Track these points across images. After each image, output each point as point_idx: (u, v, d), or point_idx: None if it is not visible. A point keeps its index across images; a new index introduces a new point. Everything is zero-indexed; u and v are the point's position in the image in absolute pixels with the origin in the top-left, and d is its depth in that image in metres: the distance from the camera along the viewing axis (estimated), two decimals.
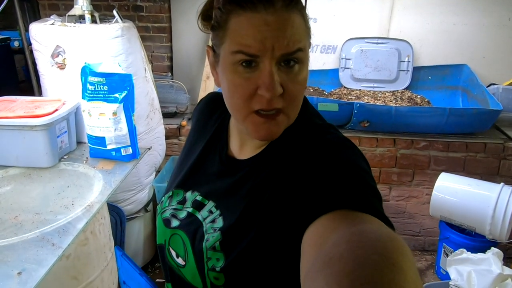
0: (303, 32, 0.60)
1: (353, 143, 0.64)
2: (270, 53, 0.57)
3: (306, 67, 0.62)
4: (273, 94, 0.58)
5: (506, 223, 2.03)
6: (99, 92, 1.61)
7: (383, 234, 0.42)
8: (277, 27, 0.57)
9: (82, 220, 1.32)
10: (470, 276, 1.53)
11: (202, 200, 0.73)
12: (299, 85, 0.60)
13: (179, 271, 0.73)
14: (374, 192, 0.55)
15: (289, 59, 0.58)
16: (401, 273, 0.37)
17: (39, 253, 1.14)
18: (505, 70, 2.73)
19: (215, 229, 0.67)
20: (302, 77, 0.61)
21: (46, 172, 1.64)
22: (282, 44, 0.57)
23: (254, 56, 0.57)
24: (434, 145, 2.46)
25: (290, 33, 0.57)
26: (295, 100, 0.61)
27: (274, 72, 0.57)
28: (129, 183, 2.09)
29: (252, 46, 0.57)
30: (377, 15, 2.78)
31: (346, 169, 0.56)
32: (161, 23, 2.81)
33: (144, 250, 2.40)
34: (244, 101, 0.60)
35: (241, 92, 0.60)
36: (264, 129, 0.61)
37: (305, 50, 0.60)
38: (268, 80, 0.57)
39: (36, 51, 1.88)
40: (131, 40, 1.92)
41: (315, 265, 0.42)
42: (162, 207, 0.78)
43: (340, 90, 2.87)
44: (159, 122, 2.24)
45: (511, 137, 2.49)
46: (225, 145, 0.76)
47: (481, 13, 2.70)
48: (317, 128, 0.68)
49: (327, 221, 0.49)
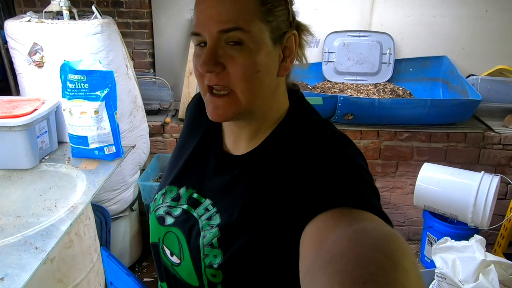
0: (251, 12, 0.58)
1: (351, 140, 0.64)
2: (207, 30, 0.59)
3: (258, 50, 0.59)
4: (205, 69, 0.59)
5: (487, 210, 2.09)
6: (79, 90, 1.57)
7: (384, 232, 0.42)
8: (214, 3, 0.58)
9: (66, 222, 1.30)
10: (455, 264, 1.57)
11: (198, 197, 0.72)
12: (242, 66, 0.59)
13: (174, 270, 0.72)
14: (373, 189, 0.55)
15: (229, 37, 0.59)
16: (403, 272, 0.37)
17: (22, 257, 1.12)
18: (483, 61, 2.79)
19: (212, 225, 0.66)
20: (250, 59, 0.59)
21: (26, 174, 1.60)
22: (216, 20, 0.58)
23: (198, 34, 0.61)
24: (416, 136, 2.50)
25: (225, 8, 0.58)
26: (242, 81, 0.60)
27: (211, 48, 0.59)
28: (113, 182, 2.05)
29: (196, 23, 0.61)
30: (358, 9, 2.80)
31: (345, 166, 0.56)
32: (141, 19, 2.76)
33: (131, 249, 2.38)
34: (199, 78, 0.64)
35: (195, 69, 0.63)
36: (212, 107, 0.63)
37: (251, 32, 0.58)
38: (204, 56, 0.60)
39: (12, 49, 1.82)
40: (112, 37, 1.88)
41: (315, 262, 0.42)
42: (155, 204, 0.77)
43: (323, 84, 2.88)
44: (142, 119, 2.21)
45: (490, 126, 2.55)
46: (220, 140, 0.75)
47: (459, 6, 2.74)
48: (315, 124, 0.67)
49: (327, 218, 0.49)
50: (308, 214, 0.51)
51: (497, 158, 2.53)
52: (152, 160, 2.50)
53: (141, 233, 2.48)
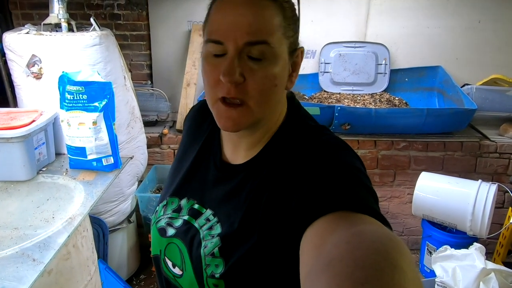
0: (276, 27, 0.59)
1: (347, 144, 0.64)
2: (233, 39, 0.58)
3: (276, 63, 0.61)
4: (230, 79, 0.58)
5: (486, 219, 2.09)
6: (78, 101, 1.58)
7: (383, 234, 0.43)
8: (243, 12, 0.58)
9: (64, 234, 1.28)
10: (455, 272, 1.56)
11: (199, 208, 0.72)
12: (262, 79, 0.59)
13: (176, 281, 0.72)
14: (371, 192, 0.55)
15: (251, 50, 0.58)
16: (401, 272, 0.37)
17: (19, 269, 1.10)
18: (478, 71, 2.82)
19: (212, 235, 0.66)
20: (269, 72, 0.60)
21: (24, 186, 1.59)
22: (244, 31, 0.57)
23: (219, 42, 0.59)
24: (413, 145, 2.51)
25: (254, 20, 0.57)
26: (259, 94, 0.60)
27: (235, 59, 0.58)
28: (111, 194, 2.04)
29: (217, 32, 0.59)
30: (353, 20, 2.84)
31: (342, 170, 0.57)
32: (139, 31, 2.78)
33: (128, 262, 2.35)
34: (211, 87, 0.62)
35: (208, 78, 0.62)
36: (225, 117, 0.62)
37: (275, 46, 0.59)
38: (227, 65, 0.58)
39: (10, 61, 1.82)
40: (110, 48, 1.89)
41: (315, 267, 0.42)
42: (156, 216, 0.76)
43: (320, 94, 2.90)
44: (140, 130, 2.21)
45: (486, 135, 2.57)
46: (219, 150, 0.75)
47: (453, 17, 2.78)
48: (311, 130, 0.68)
49: (326, 222, 0.49)
50: (307, 219, 0.51)
51: (493, 167, 2.54)
52: (150, 171, 2.49)
53: (138, 245, 2.46)
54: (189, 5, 2.77)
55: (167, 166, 2.57)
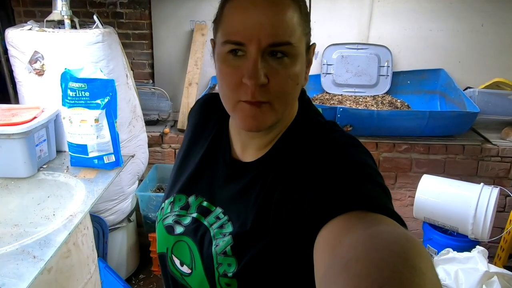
0: (296, 26, 0.58)
1: (359, 140, 0.63)
2: (256, 41, 0.56)
3: (297, 62, 0.60)
4: (255, 82, 0.56)
5: (487, 222, 2.08)
6: (80, 98, 1.57)
7: (399, 235, 0.41)
8: (265, 12, 0.56)
9: (64, 232, 1.27)
10: (458, 275, 1.55)
11: (209, 206, 0.70)
12: (286, 79, 0.58)
13: (184, 280, 0.70)
14: (384, 190, 0.54)
15: (277, 51, 0.57)
16: (420, 275, 0.36)
17: (20, 266, 1.09)
18: (480, 74, 2.82)
19: (224, 234, 0.65)
20: (291, 71, 0.59)
21: (24, 183, 1.58)
22: (268, 32, 0.55)
23: (240, 44, 0.57)
24: (415, 148, 2.50)
25: (277, 20, 0.56)
26: (283, 94, 0.59)
27: (259, 61, 0.56)
28: (112, 192, 2.03)
29: (237, 33, 0.57)
30: (356, 22, 2.83)
31: (356, 169, 0.56)
32: (141, 30, 2.77)
33: (128, 261, 2.33)
34: (231, 90, 0.60)
35: (228, 80, 0.59)
36: (251, 116, 0.60)
37: (296, 46, 0.58)
38: (252, 68, 0.56)
39: (12, 57, 1.81)
40: (112, 46, 1.88)
41: (331, 268, 0.41)
42: (163, 213, 0.74)
43: (322, 96, 2.90)
44: (141, 129, 2.20)
45: (487, 139, 2.56)
46: (228, 148, 0.73)
47: (456, 19, 2.78)
48: (322, 127, 0.67)
49: (341, 222, 0.48)
50: (322, 219, 0.50)
51: (495, 170, 2.53)
52: (151, 170, 2.48)
53: (138, 244, 2.45)
54: (192, 4, 2.76)
55: (168, 165, 2.56)
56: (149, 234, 2.30)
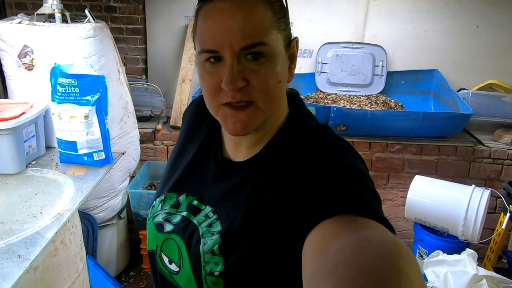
0: (268, 24, 0.58)
1: (350, 144, 0.64)
2: (228, 46, 0.56)
3: (276, 60, 0.59)
4: (233, 87, 0.57)
5: (478, 224, 2.09)
6: (70, 94, 1.54)
7: (388, 240, 0.42)
8: (230, 16, 0.56)
9: (52, 229, 1.26)
10: (447, 278, 1.56)
11: (199, 204, 0.71)
12: (265, 78, 0.58)
13: (172, 278, 0.70)
14: (374, 195, 0.54)
15: (251, 52, 0.57)
16: (407, 280, 0.36)
17: (4, 266, 1.07)
18: (474, 76, 2.82)
19: (212, 233, 0.65)
20: (270, 70, 0.59)
21: (11, 179, 1.55)
22: (238, 36, 0.56)
23: (214, 51, 0.57)
24: (408, 148, 2.51)
25: (246, 23, 0.56)
26: (265, 92, 0.59)
27: (235, 65, 0.57)
28: (102, 189, 2.01)
29: (209, 41, 0.57)
30: (352, 21, 2.82)
31: (347, 173, 0.56)
32: (135, 25, 2.74)
33: (118, 258, 2.32)
34: (212, 95, 0.61)
35: (208, 86, 0.60)
36: (234, 121, 0.60)
37: (271, 44, 0.58)
38: (228, 74, 0.57)
39: (1, 51, 1.78)
40: (104, 41, 1.86)
41: (318, 271, 0.41)
42: (154, 211, 0.75)
43: (316, 94, 2.89)
44: (133, 126, 2.18)
45: (480, 140, 2.57)
46: (220, 147, 0.74)
47: (451, 21, 2.78)
48: (314, 129, 0.67)
49: (330, 226, 0.48)
50: (311, 222, 0.50)
51: (487, 172, 2.54)
52: (142, 167, 2.46)
53: (128, 242, 2.43)
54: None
55: (160, 162, 2.54)
56: (140, 231, 2.29)
